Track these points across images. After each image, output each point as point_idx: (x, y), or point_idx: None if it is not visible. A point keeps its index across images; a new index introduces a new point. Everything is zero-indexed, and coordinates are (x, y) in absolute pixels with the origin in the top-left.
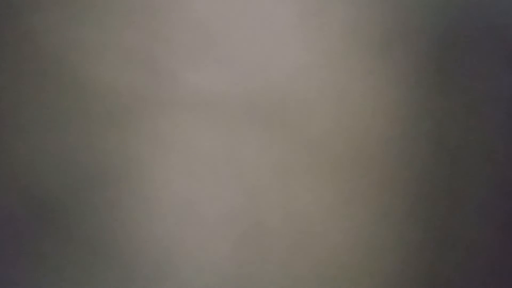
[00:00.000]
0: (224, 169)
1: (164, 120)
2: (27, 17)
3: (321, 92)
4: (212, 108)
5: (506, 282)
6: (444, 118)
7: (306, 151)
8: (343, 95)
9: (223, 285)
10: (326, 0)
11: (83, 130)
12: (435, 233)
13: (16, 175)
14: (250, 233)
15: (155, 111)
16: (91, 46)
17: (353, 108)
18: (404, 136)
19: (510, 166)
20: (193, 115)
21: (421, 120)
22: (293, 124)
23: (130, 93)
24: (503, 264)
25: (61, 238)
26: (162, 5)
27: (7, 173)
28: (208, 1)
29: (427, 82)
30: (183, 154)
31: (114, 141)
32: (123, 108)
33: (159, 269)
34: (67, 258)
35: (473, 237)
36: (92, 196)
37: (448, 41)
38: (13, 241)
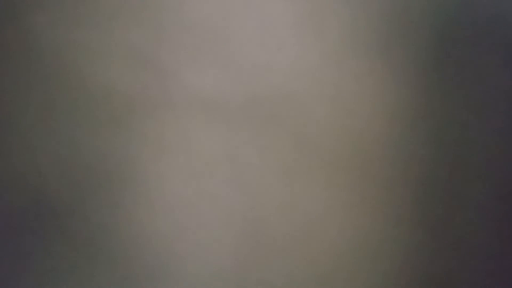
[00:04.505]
0: (224, 169)
1: (166, 120)
2: (29, 17)
3: (321, 93)
4: (213, 109)
5: (506, 282)
6: (443, 118)
7: (306, 151)
8: (342, 95)
9: (224, 285)
10: (325, 1)
11: (84, 131)
12: (435, 233)
13: (18, 176)
14: (250, 232)
15: (157, 112)
16: (92, 47)
17: (353, 109)
18: (403, 136)
19: (510, 166)
20: (195, 115)
21: (420, 120)
22: (293, 125)
23: (132, 94)
24: (503, 264)
25: (63, 238)
26: (163, 7)
27: (9, 174)
28: (209, 2)
29: (426, 82)
30: (184, 154)
31: (116, 142)
32: (124, 108)
33: (161, 269)
34: (68, 258)
35: (473, 237)
36: (94, 196)
37: (447, 41)
38: (14, 241)
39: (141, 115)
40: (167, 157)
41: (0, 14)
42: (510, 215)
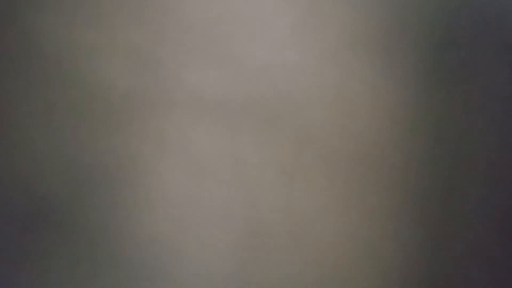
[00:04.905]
0: (224, 169)
1: (166, 120)
2: (29, 17)
3: (321, 92)
4: (213, 109)
5: (506, 282)
6: (443, 118)
7: (306, 151)
8: (343, 95)
9: (224, 285)
10: (325, 1)
11: (84, 130)
12: (434, 232)
13: (19, 175)
14: (250, 232)
15: (157, 112)
16: (92, 47)
17: (353, 108)
18: (403, 135)
19: (510, 166)
20: (194, 115)
21: (420, 119)
22: (293, 124)
23: (132, 94)
24: (503, 264)
25: (63, 238)
26: (163, 6)
27: (9, 173)
28: (209, 2)
29: (426, 82)
30: (184, 154)
31: (116, 141)
32: (124, 108)
33: (160, 268)
34: (68, 257)
35: (473, 237)
36: (93, 195)
37: (447, 41)
38: (15, 241)
39: (141, 115)
40: (167, 157)
41: (0, 14)
42: (510, 215)
